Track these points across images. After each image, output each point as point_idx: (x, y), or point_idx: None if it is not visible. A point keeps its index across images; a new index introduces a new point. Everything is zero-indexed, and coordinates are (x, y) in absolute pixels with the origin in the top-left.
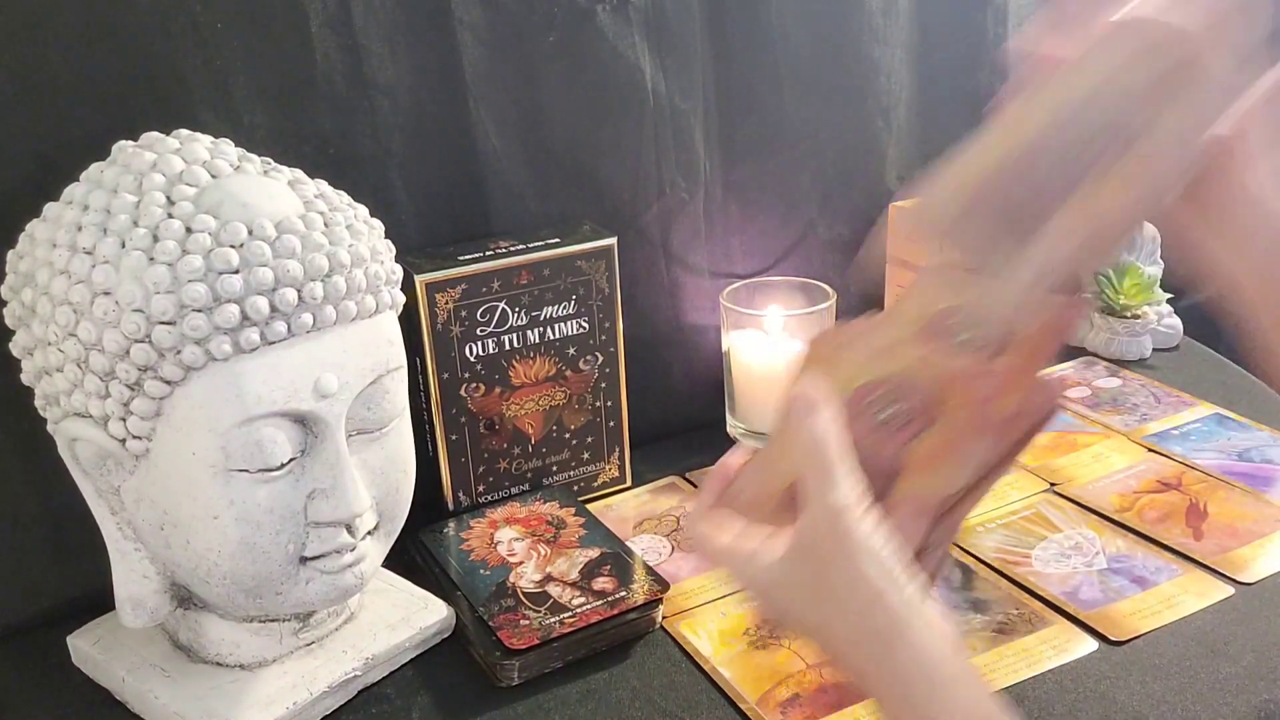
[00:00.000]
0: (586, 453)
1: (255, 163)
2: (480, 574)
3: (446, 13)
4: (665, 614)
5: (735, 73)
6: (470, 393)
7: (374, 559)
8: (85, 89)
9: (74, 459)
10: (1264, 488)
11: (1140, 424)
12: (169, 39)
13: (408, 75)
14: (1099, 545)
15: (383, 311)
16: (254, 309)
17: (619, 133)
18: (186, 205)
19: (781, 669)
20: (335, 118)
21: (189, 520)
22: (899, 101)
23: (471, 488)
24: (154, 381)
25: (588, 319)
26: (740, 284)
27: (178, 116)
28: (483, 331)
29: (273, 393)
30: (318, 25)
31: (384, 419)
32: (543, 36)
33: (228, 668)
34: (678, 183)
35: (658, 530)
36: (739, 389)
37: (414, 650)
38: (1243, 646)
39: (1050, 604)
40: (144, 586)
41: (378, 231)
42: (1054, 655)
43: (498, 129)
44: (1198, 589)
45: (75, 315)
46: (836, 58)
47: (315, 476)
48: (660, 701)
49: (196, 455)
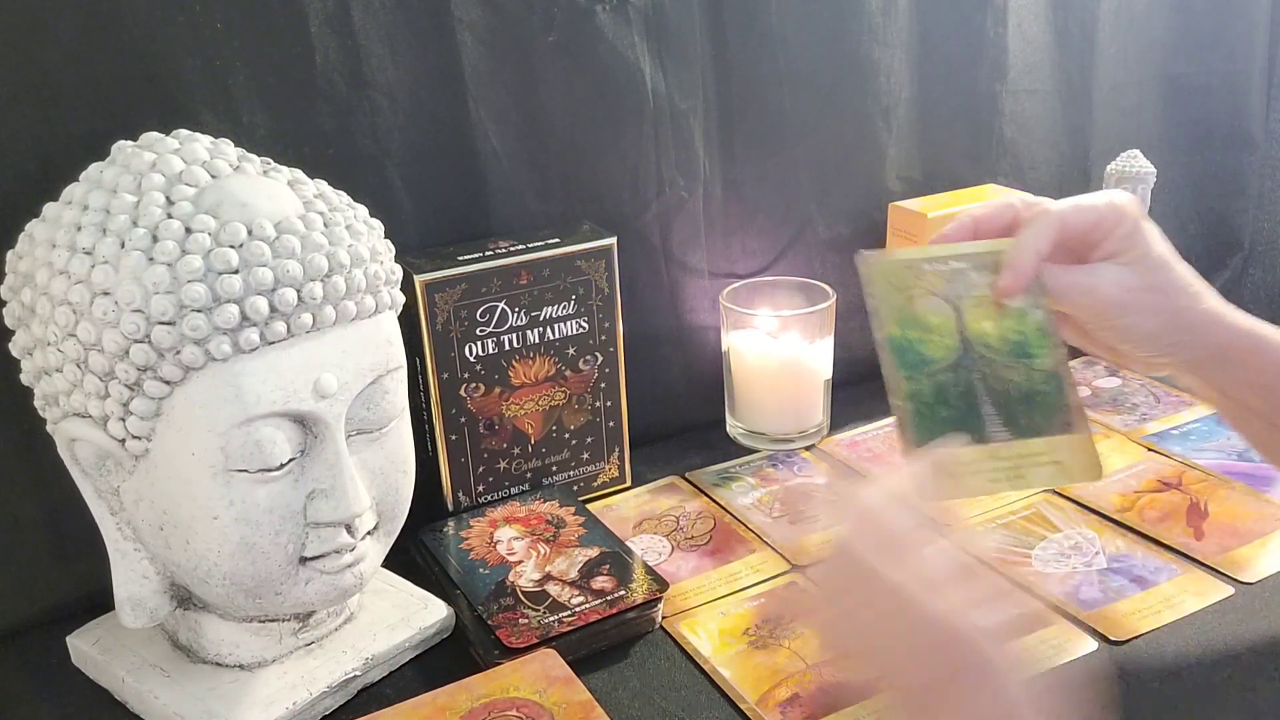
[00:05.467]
0: (586, 453)
1: (255, 163)
2: (479, 573)
3: (446, 13)
4: (665, 614)
5: (735, 73)
6: (470, 393)
7: (374, 559)
8: (85, 89)
9: (73, 459)
10: (1264, 487)
11: (1140, 424)
12: (169, 39)
13: (407, 75)
14: (1099, 545)
15: (382, 311)
16: (253, 309)
17: (619, 133)
18: (186, 205)
19: (781, 669)
20: (335, 118)
21: (189, 520)
22: (899, 101)
23: (471, 488)
24: (153, 382)
25: (587, 319)
26: (740, 284)
27: (178, 116)
28: (482, 331)
29: (272, 393)
30: (317, 25)
31: (384, 419)
32: (543, 36)
33: (228, 668)
34: (677, 182)
35: (657, 530)
36: (739, 389)
37: (414, 650)
38: (1243, 646)
39: (1050, 604)
40: (144, 587)
41: (377, 231)
42: (1054, 655)
43: (498, 129)
44: (1198, 589)
45: (75, 315)
46: (836, 58)
47: (315, 477)
48: (660, 701)
49: (196, 455)
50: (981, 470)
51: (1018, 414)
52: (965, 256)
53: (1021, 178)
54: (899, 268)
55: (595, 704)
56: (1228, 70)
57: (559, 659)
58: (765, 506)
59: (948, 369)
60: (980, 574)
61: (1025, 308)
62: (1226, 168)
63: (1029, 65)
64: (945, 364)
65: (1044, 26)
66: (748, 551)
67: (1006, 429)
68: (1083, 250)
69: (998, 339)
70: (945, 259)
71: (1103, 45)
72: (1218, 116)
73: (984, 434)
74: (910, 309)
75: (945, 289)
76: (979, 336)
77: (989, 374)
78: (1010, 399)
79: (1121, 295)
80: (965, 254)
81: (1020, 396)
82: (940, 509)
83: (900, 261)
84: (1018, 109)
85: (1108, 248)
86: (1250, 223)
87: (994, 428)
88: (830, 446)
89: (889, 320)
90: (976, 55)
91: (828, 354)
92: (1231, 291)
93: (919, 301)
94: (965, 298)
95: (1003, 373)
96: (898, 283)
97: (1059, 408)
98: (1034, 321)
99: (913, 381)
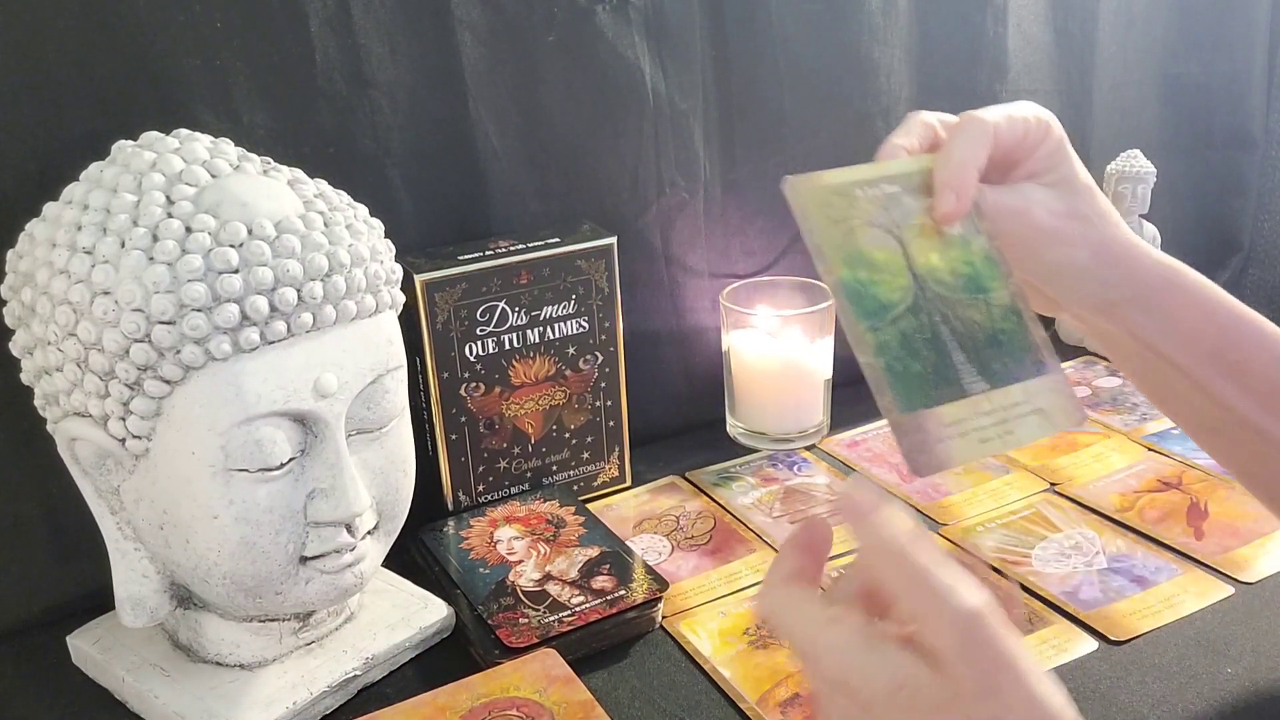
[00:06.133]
0: (586, 452)
1: (255, 162)
2: (479, 572)
3: (446, 12)
4: (665, 613)
5: (735, 73)
6: (470, 392)
7: (374, 559)
8: (85, 89)
9: (74, 458)
10: None
11: (1140, 423)
12: (169, 39)
13: (408, 75)
14: (1099, 545)
15: (382, 311)
16: (253, 308)
17: (619, 133)
18: (186, 205)
19: (781, 669)
20: (335, 118)
21: (189, 520)
22: (899, 101)
23: (471, 487)
24: (154, 381)
25: (587, 319)
26: (740, 284)
27: (178, 116)
28: (482, 331)
29: (272, 392)
30: (317, 25)
31: (384, 418)
32: (543, 36)
33: (228, 667)
34: (677, 182)
35: (657, 530)
36: (739, 389)
37: (414, 650)
38: (1243, 646)
39: (1050, 604)
40: (144, 586)
41: (378, 231)
42: (1054, 655)
43: (498, 129)
44: (1198, 589)
45: (75, 315)
46: (836, 58)
47: (315, 476)
48: (660, 701)
49: (196, 455)
50: (970, 430)
51: (989, 358)
52: (895, 178)
53: None
54: (832, 194)
55: (595, 704)
56: (1228, 70)
57: (559, 658)
58: (765, 506)
59: (907, 313)
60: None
61: (966, 234)
62: (1226, 168)
63: (1029, 65)
64: (903, 307)
65: (1044, 26)
66: (748, 551)
67: (982, 378)
68: (1004, 168)
69: (949, 273)
70: (875, 181)
71: (1103, 45)
72: (1218, 116)
73: (962, 387)
74: (854, 244)
75: (882, 217)
76: (929, 272)
77: (949, 315)
78: (978, 342)
79: (1052, 221)
80: (894, 174)
81: (986, 339)
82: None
83: (832, 187)
84: None
85: (1030, 166)
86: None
87: (970, 378)
88: (830, 446)
89: (835, 261)
90: (976, 55)
91: (828, 354)
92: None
93: (860, 234)
94: (905, 226)
95: (963, 312)
96: (834, 213)
97: (1027, 346)
98: (979, 250)
99: (877, 333)
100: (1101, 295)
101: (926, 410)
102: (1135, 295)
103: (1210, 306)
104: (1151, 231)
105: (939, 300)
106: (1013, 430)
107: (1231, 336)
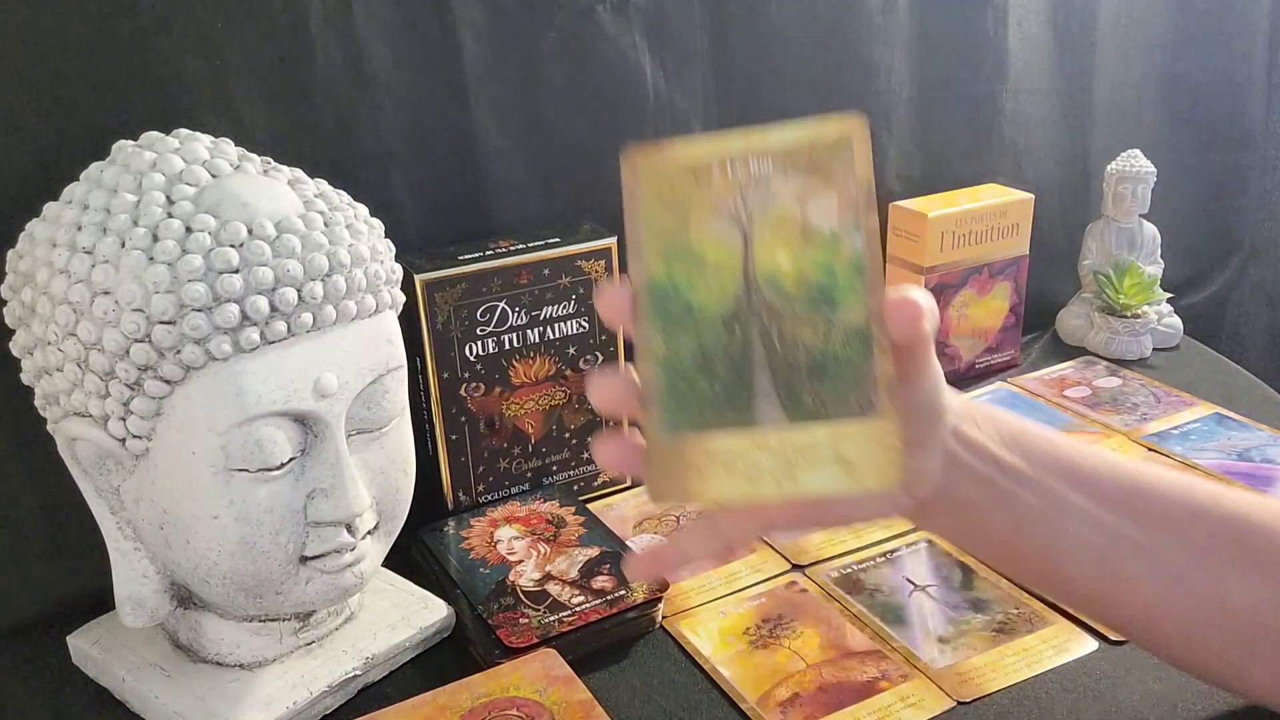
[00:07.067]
0: (586, 452)
1: (255, 162)
2: (480, 572)
3: (447, 11)
4: (665, 613)
5: (735, 73)
6: (470, 392)
7: (374, 559)
8: (86, 89)
9: (74, 458)
10: (1264, 487)
11: (1140, 423)
12: (169, 39)
13: (408, 74)
14: None
15: (383, 311)
16: (254, 308)
17: (619, 132)
18: (186, 204)
19: (781, 669)
20: (335, 117)
21: (189, 520)
22: (899, 101)
23: (471, 487)
24: (154, 381)
25: (588, 319)
26: None
27: (178, 116)
28: (483, 331)
29: (273, 392)
30: (318, 24)
31: (384, 419)
32: (543, 36)
33: (228, 667)
34: None
35: (658, 529)
36: None
37: (414, 650)
38: None
39: (1050, 603)
40: (144, 586)
41: (378, 231)
42: (1054, 655)
43: (498, 129)
44: None
45: (75, 315)
46: (836, 58)
47: (315, 476)
48: (660, 701)
49: (196, 455)
50: (740, 467)
51: (799, 388)
52: (774, 153)
53: (1021, 178)
54: (679, 174)
55: (595, 703)
56: (1228, 70)
57: (559, 658)
58: None
59: (720, 323)
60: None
61: (840, 231)
62: (1226, 168)
63: (1029, 65)
64: (717, 315)
65: (1044, 26)
66: (748, 551)
67: (782, 408)
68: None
69: (794, 278)
70: (746, 156)
71: (1103, 45)
72: (1218, 116)
73: (751, 414)
74: (683, 235)
75: (735, 204)
76: (769, 276)
77: (774, 330)
78: (795, 367)
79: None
80: (774, 148)
81: (809, 364)
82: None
83: (685, 163)
84: (1018, 109)
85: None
86: (1250, 223)
87: (766, 405)
88: None
89: (652, 254)
90: (977, 55)
91: None
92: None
93: (697, 223)
94: (759, 217)
95: (793, 328)
96: (673, 196)
97: (858, 381)
98: (847, 254)
99: (670, 341)
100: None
101: (692, 433)
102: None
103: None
104: (1151, 231)
105: (767, 311)
106: (797, 478)
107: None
